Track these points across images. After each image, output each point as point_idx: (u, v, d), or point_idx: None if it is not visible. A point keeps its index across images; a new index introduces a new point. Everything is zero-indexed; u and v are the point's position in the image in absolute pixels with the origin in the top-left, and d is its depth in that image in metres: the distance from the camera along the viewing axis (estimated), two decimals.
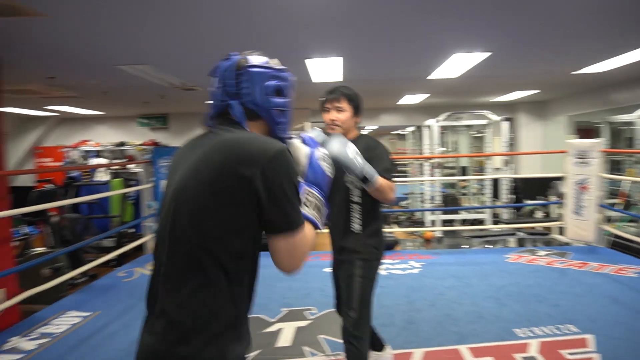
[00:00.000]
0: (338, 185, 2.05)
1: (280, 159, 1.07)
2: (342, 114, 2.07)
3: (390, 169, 2.01)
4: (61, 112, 8.22)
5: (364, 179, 1.88)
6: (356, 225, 2.08)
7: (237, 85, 1.15)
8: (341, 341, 2.92)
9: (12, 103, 6.67)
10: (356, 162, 1.85)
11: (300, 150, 1.23)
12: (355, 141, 2.04)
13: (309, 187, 1.19)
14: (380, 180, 1.91)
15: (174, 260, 1.07)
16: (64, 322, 3.41)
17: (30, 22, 2.96)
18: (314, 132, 1.95)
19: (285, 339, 2.98)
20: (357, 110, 2.12)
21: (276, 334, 3.07)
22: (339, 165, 1.81)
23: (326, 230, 2.06)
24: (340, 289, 2.16)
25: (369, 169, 1.88)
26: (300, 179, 1.20)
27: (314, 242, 1.19)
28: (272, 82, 1.18)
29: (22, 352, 2.93)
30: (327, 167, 1.23)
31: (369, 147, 2.06)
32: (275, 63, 1.22)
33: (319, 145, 1.27)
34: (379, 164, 1.96)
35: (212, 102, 1.18)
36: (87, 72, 4.76)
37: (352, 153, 1.84)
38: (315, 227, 1.19)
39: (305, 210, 1.16)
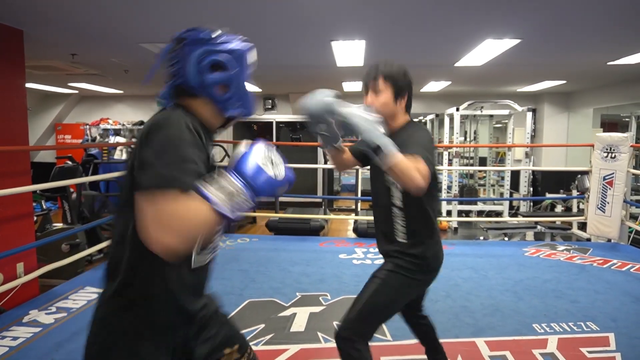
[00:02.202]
0: (378, 186, 1.78)
1: (163, 122, 1.01)
2: (379, 96, 1.70)
3: (420, 148, 1.50)
4: (81, 89, 8.28)
5: (377, 149, 1.41)
6: (399, 233, 1.73)
7: (173, 66, 1.13)
8: None
9: (35, 79, 6.73)
10: (367, 125, 1.44)
11: (238, 153, 1.03)
12: (398, 131, 1.69)
13: (227, 172, 0.99)
14: (398, 157, 1.39)
15: None
16: (82, 297, 3.46)
17: None
18: (326, 92, 1.57)
19: (298, 324, 2.97)
20: (399, 90, 1.70)
21: (290, 318, 3.06)
22: (351, 129, 1.48)
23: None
24: None
25: (384, 140, 1.41)
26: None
27: (205, 225, 0.94)
28: (208, 57, 1.11)
29: (41, 325, 2.98)
30: (264, 164, 1.00)
31: (409, 134, 1.64)
32: (219, 33, 1.16)
33: (267, 148, 1.05)
34: (409, 145, 1.52)
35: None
36: (110, 50, 4.75)
37: (364, 116, 1.46)
38: (219, 212, 0.94)
39: (207, 187, 0.95)
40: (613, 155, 4.85)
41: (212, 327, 1.25)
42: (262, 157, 1.01)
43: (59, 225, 5.15)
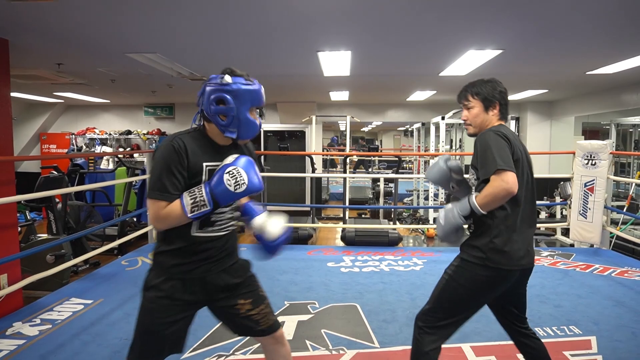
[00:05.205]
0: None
1: (158, 149, 1.56)
2: (470, 111, 1.96)
3: (487, 167, 1.75)
4: (67, 98, 8.23)
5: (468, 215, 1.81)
6: (471, 226, 1.92)
7: (199, 98, 1.59)
8: (342, 336, 2.94)
9: (20, 88, 6.67)
10: (451, 222, 1.83)
11: (223, 163, 1.56)
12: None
13: (204, 185, 1.53)
14: (479, 201, 1.75)
15: None
16: (67, 309, 3.42)
17: (39, 7, 2.94)
18: (440, 162, 2.01)
19: (287, 332, 2.97)
20: (488, 102, 1.93)
21: None
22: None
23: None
24: None
25: (463, 206, 1.81)
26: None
27: (177, 218, 1.52)
28: (214, 95, 1.54)
29: (25, 337, 2.94)
30: (228, 180, 1.50)
31: (477, 147, 1.86)
32: (227, 80, 1.54)
33: (241, 165, 1.53)
34: (479, 167, 1.81)
35: None
36: (96, 60, 4.74)
37: (445, 216, 1.86)
38: (183, 210, 1.50)
39: (185, 195, 1.51)
40: (593, 162, 4.96)
41: (235, 280, 1.71)
42: (228, 174, 1.51)
43: (44, 235, 5.09)
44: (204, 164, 1.56)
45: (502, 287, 1.86)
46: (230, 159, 1.56)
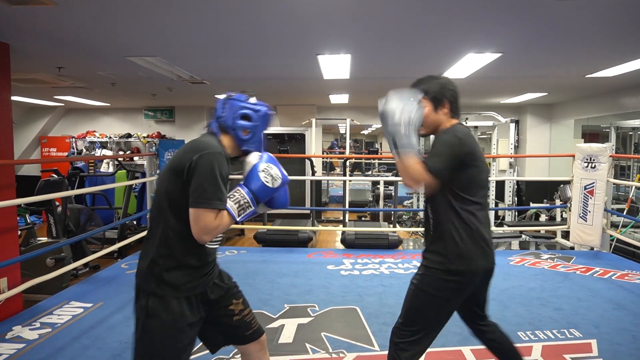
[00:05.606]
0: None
1: (205, 156, 1.51)
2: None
3: (433, 157, 1.71)
4: (67, 102, 8.24)
5: (394, 144, 1.68)
6: (429, 230, 1.86)
7: (221, 110, 1.68)
8: (342, 339, 2.94)
9: (20, 92, 6.68)
10: (391, 120, 1.66)
11: (249, 163, 1.64)
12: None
13: (239, 187, 1.60)
14: (407, 158, 1.65)
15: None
16: (66, 312, 3.42)
17: (39, 11, 2.94)
18: (409, 94, 1.74)
19: (286, 336, 2.98)
20: (437, 101, 1.86)
21: (278, 330, 3.07)
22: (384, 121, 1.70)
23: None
24: None
25: (404, 139, 1.65)
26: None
27: (225, 227, 1.54)
28: (241, 111, 1.66)
29: (24, 341, 2.94)
30: (265, 177, 1.61)
31: (435, 139, 1.83)
32: (253, 100, 1.70)
33: (268, 161, 1.65)
34: (430, 153, 1.75)
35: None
36: (96, 63, 4.75)
37: (398, 113, 1.66)
38: (232, 217, 1.55)
39: (227, 201, 1.55)
40: (593, 165, 4.97)
41: (223, 287, 1.76)
42: (263, 172, 1.62)
43: (44, 239, 5.09)
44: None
45: (468, 290, 1.82)
46: (255, 158, 1.66)
